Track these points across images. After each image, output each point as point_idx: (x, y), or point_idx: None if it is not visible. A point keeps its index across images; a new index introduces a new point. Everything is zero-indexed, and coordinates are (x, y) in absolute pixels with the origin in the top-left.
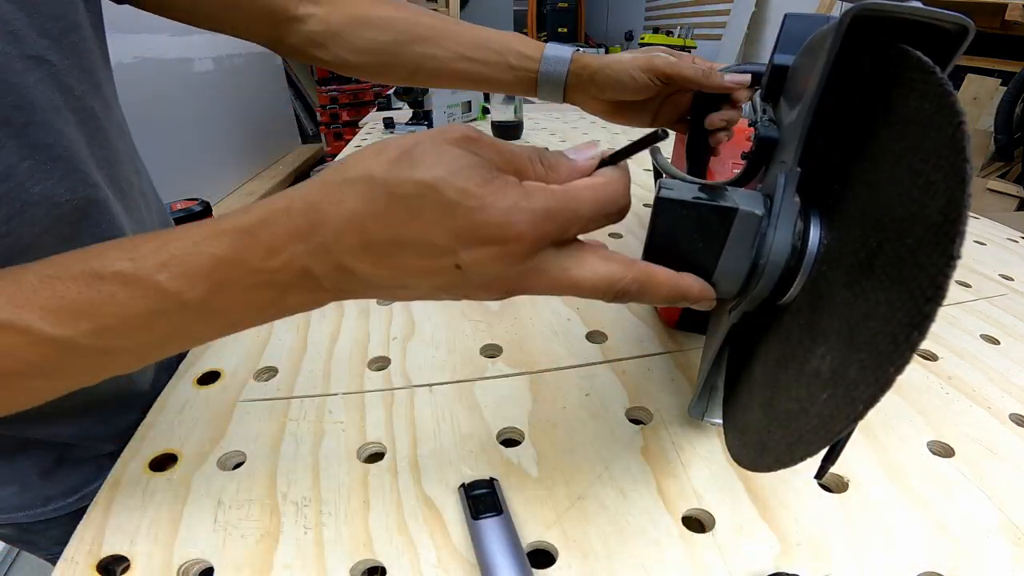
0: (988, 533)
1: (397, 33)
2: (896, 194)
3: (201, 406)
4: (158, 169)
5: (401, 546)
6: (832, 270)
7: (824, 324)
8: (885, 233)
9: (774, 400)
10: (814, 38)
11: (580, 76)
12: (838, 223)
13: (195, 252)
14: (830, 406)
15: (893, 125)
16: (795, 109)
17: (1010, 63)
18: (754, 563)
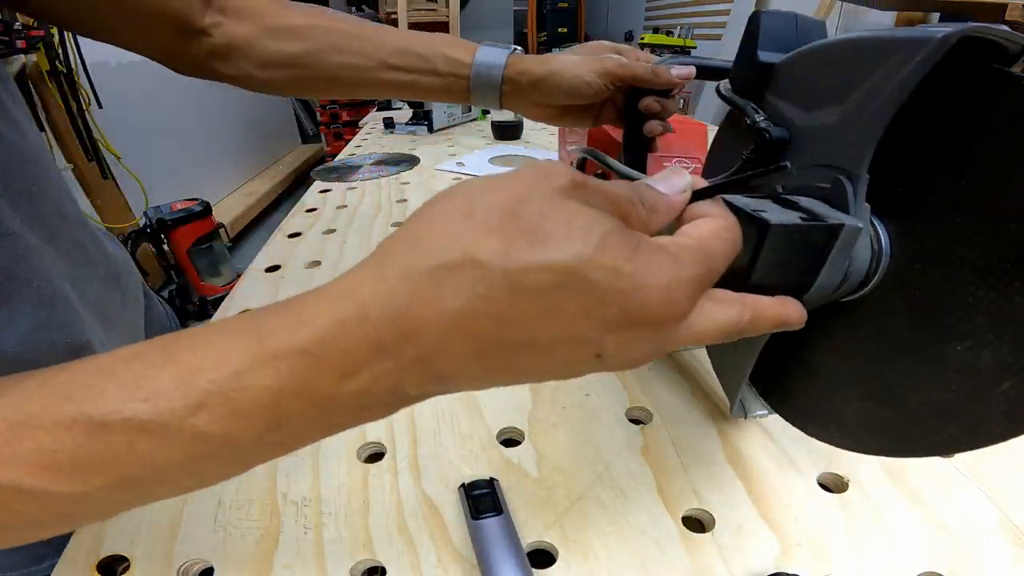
0: (988, 533)
1: (309, 43)
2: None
3: None
4: (158, 169)
5: (401, 546)
6: (939, 271)
7: (952, 319)
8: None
9: (894, 388)
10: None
11: (519, 82)
12: (918, 227)
13: (240, 387)
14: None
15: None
16: (822, 112)
17: None
18: (754, 563)
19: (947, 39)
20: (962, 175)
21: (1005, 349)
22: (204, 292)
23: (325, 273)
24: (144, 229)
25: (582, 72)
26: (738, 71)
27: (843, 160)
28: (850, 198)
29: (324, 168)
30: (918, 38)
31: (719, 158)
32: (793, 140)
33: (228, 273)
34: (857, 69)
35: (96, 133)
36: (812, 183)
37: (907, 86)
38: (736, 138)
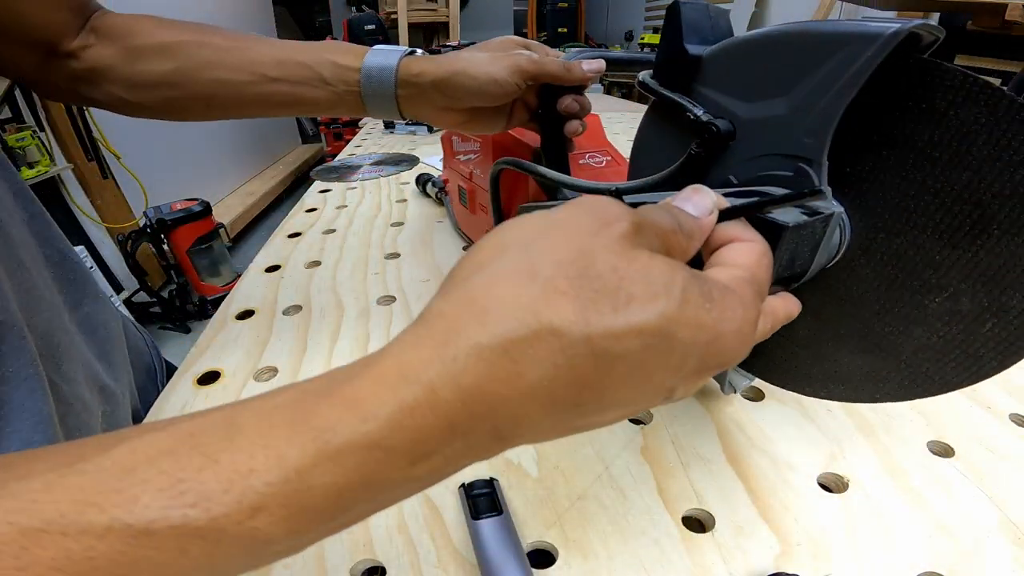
0: (988, 533)
1: (180, 60)
2: (995, 179)
3: (201, 406)
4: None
5: (401, 546)
6: (904, 237)
7: (927, 275)
8: (988, 207)
9: (888, 341)
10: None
11: (417, 85)
12: (873, 201)
13: (302, 487)
14: (1007, 330)
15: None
16: (766, 103)
17: (1010, 63)
18: (754, 563)
19: (898, 33)
20: (908, 153)
21: (980, 295)
22: (204, 292)
23: (325, 273)
24: (144, 229)
25: (492, 70)
26: (664, 63)
27: (802, 149)
28: (816, 183)
29: (324, 168)
30: (870, 32)
31: (648, 153)
32: (737, 132)
33: (228, 273)
34: (803, 61)
35: (96, 133)
36: (768, 172)
37: (861, 77)
38: (664, 132)
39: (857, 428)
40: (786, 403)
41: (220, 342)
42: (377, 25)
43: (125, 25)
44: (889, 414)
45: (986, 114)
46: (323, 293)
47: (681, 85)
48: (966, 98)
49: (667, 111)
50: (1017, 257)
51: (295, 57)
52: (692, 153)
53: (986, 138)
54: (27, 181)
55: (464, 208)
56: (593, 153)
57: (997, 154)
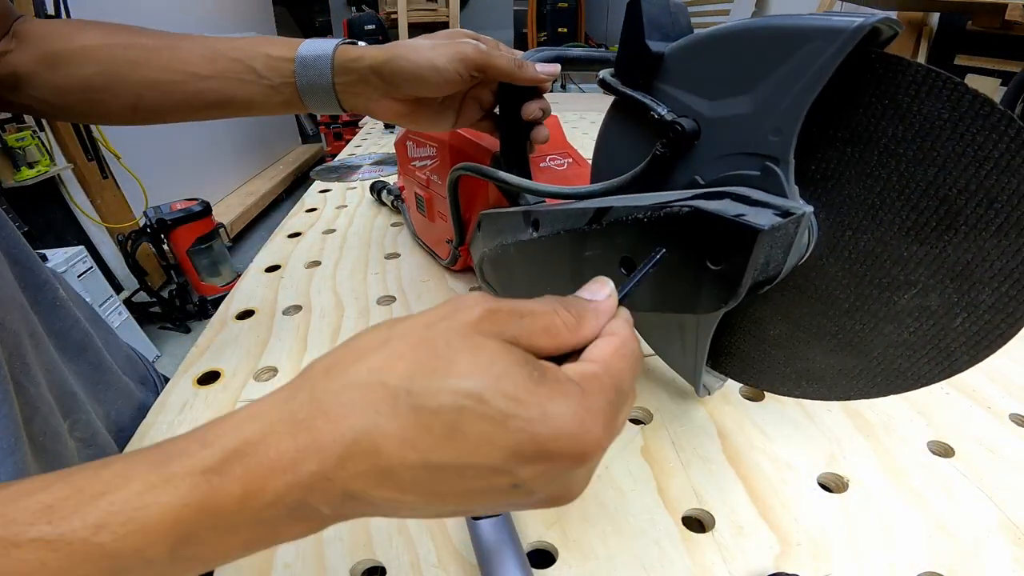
0: (988, 533)
1: (102, 64)
2: (959, 175)
3: (201, 406)
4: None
5: (401, 546)
6: (871, 234)
7: (896, 272)
8: (954, 202)
9: (860, 339)
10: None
11: (354, 71)
12: (838, 199)
13: (141, 506)
14: (978, 324)
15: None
16: (730, 101)
17: (1010, 63)
18: (754, 563)
19: (862, 28)
20: (872, 150)
21: (950, 291)
22: (204, 292)
23: (325, 273)
24: (144, 229)
25: (432, 55)
26: (625, 61)
27: (768, 147)
28: (784, 182)
29: (324, 168)
30: (834, 27)
31: (611, 154)
32: (702, 131)
33: (228, 273)
34: (766, 57)
35: (96, 133)
36: (734, 172)
37: (826, 72)
38: (627, 132)
39: (857, 428)
40: (786, 403)
41: (220, 342)
42: (377, 25)
43: (45, 30)
44: (889, 414)
45: (949, 109)
46: (323, 293)
47: (643, 83)
48: (929, 93)
49: (629, 110)
50: (985, 252)
51: (228, 53)
52: (657, 154)
53: (950, 134)
54: (27, 181)
55: (422, 216)
56: (554, 156)
57: (962, 150)
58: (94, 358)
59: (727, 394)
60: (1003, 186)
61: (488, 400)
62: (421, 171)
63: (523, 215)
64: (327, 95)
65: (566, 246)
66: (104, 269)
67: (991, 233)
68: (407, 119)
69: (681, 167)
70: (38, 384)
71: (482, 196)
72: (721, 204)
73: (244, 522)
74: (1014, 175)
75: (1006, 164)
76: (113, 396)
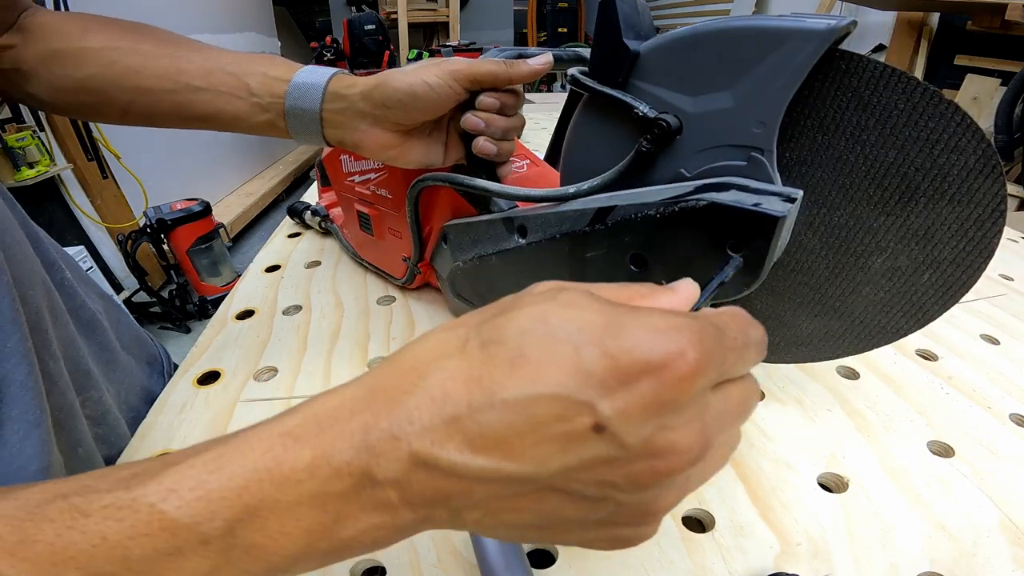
0: (988, 533)
1: (100, 67)
2: (915, 155)
3: (201, 406)
4: (158, 169)
5: (401, 546)
6: (843, 210)
7: (868, 240)
8: (913, 179)
9: (841, 302)
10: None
11: (344, 97)
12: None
13: (214, 469)
14: (942, 278)
15: (873, 112)
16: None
17: (1010, 63)
18: (754, 563)
19: (836, 29)
20: (840, 137)
21: (915, 252)
22: (204, 292)
23: (325, 273)
24: (144, 229)
25: (423, 74)
26: (601, 59)
27: (752, 138)
28: (770, 170)
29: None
30: (810, 29)
31: (584, 152)
32: (684, 126)
33: (228, 273)
34: (745, 56)
35: (96, 132)
36: (719, 163)
37: (805, 69)
38: (601, 130)
39: (857, 428)
40: (786, 403)
41: (220, 342)
42: (377, 25)
43: (53, 26)
44: (889, 414)
45: (904, 100)
46: (323, 293)
47: (621, 81)
48: (886, 86)
49: (604, 108)
50: (942, 218)
51: (226, 67)
52: (642, 150)
53: (906, 121)
54: (27, 181)
55: (367, 235)
56: (513, 158)
57: (916, 134)
58: (103, 337)
59: None
60: (953, 163)
61: (551, 318)
62: (363, 186)
63: (504, 222)
64: (312, 122)
65: (564, 250)
66: (104, 269)
67: (946, 202)
68: (396, 151)
69: (664, 161)
70: (57, 359)
71: (441, 207)
72: (733, 195)
73: (308, 497)
74: (961, 154)
75: (954, 145)
76: (121, 376)
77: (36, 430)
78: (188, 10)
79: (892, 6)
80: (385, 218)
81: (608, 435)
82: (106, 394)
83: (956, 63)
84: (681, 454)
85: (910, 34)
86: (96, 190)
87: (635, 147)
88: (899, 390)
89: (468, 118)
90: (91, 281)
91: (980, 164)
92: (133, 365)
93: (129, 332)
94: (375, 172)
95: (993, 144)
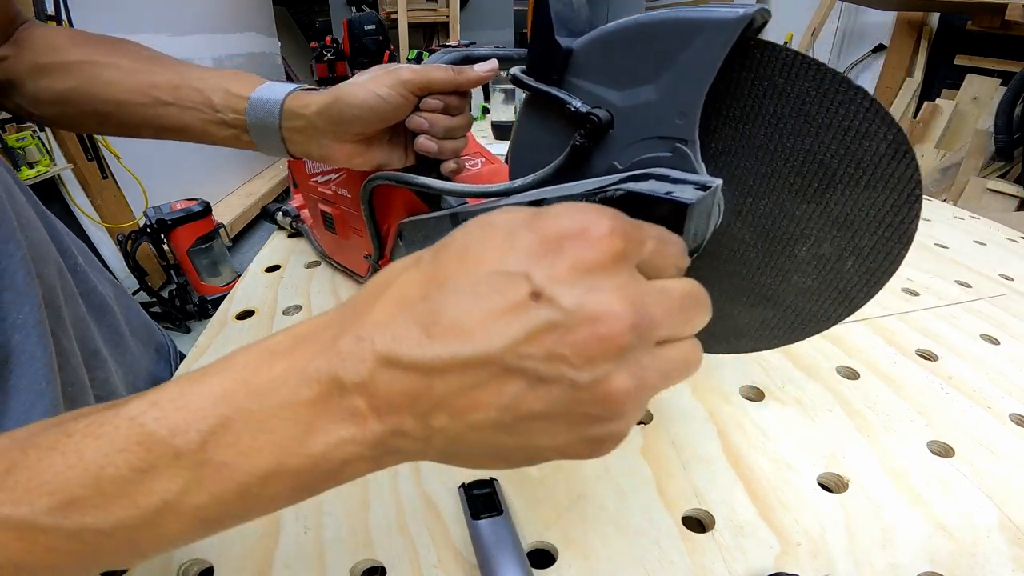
0: (988, 533)
1: (80, 80)
2: (830, 141)
3: None
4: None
5: (401, 546)
6: (768, 198)
7: (793, 228)
8: (830, 165)
9: (773, 291)
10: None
11: (302, 116)
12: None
13: (195, 380)
14: (865, 265)
15: (788, 100)
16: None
17: (1010, 63)
18: (754, 563)
19: (745, 17)
20: (759, 125)
21: (838, 239)
22: (204, 292)
23: (325, 273)
24: (144, 229)
25: (373, 86)
26: (537, 57)
27: (676, 130)
28: (693, 160)
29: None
30: (720, 18)
31: (528, 148)
32: (615, 119)
33: (228, 273)
34: (665, 48)
35: None
36: (648, 155)
37: (718, 59)
38: (542, 126)
39: (857, 428)
40: (786, 403)
41: (220, 342)
42: (377, 25)
43: (42, 39)
44: (889, 414)
45: (816, 87)
46: (323, 293)
47: (556, 78)
48: (799, 74)
49: (544, 105)
50: (860, 204)
51: (192, 83)
52: (576, 144)
53: (818, 108)
54: (27, 181)
55: (332, 234)
56: (467, 156)
57: (829, 121)
58: (112, 321)
59: (727, 394)
60: (865, 149)
61: (489, 219)
62: (325, 187)
63: (450, 218)
64: (275, 138)
65: None
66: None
67: (862, 188)
68: (361, 159)
69: (598, 155)
70: (70, 337)
71: (397, 205)
72: (649, 184)
73: (278, 407)
74: (872, 139)
75: (865, 131)
76: (130, 360)
77: (40, 400)
78: (188, 10)
79: (892, 6)
80: (347, 217)
81: (544, 299)
82: (114, 375)
83: (956, 63)
84: (616, 318)
85: (910, 34)
86: (96, 190)
87: (571, 142)
88: (899, 390)
89: (413, 119)
90: (102, 268)
91: (891, 149)
92: (141, 350)
93: (138, 319)
94: (335, 172)
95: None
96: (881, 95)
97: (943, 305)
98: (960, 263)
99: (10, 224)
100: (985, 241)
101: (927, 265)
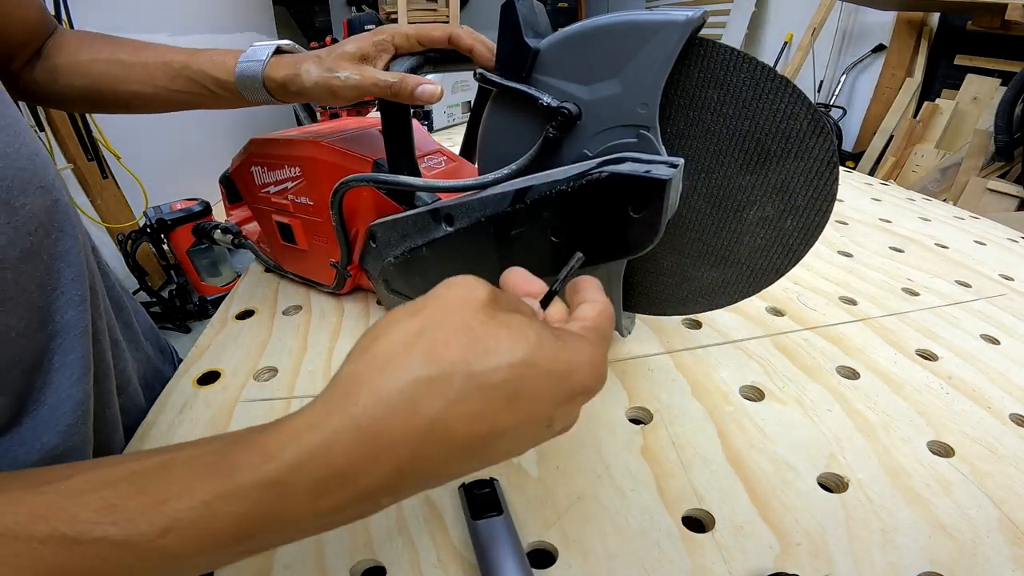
0: (988, 533)
1: (91, 77)
2: (764, 123)
3: (201, 406)
4: (158, 169)
5: (401, 546)
6: (717, 172)
7: (740, 196)
8: (765, 142)
9: (729, 252)
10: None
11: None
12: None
13: (208, 515)
14: (801, 221)
15: (728, 89)
16: (601, 85)
17: (1010, 63)
18: (754, 563)
19: (693, 20)
20: (706, 112)
21: (777, 202)
22: (204, 292)
23: None
24: (144, 229)
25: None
26: (506, 58)
27: (639, 118)
28: (656, 144)
29: None
30: (674, 20)
31: (497, 143)
32: (582, 112)
33: (228, 273)
34: (626, 46)
35: (96, 133)
36: (615, 142)
37: (674, 54)
38: (510, 122)
39: (857, 428)
40: (786, 403)
41: (220, 342)
42: (377, 25)
43: (58, 43)
44: (889, 414)
45: (750, 78)
46: (323, 293)
47: (525, 76)
48: (736, 67)
49: (512, 102)
50: (792, 172)
51: (183, 72)
52: (549, 136)
53: (753, 95)
54: None
55: (290, 246)
56: (430, 155)
57: (762, 106)
58: (128, 318)
59: (727, 394)
60: (791, 128)
61: (536, 363)
62: (280, 196)
63: (431, 214)
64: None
65: (491, 232)
66: None
67: (792, 158)
68: None
69: (568, 145)
70: (102, 320)
71: (364, 208)
72: (628, 166)
73: (306, 524)
74: (795, 119)
75: (790, 113)
76: (142, 356)
77: (78, 385)
78: (188, 10)
79: (892, 6)
80: (308, 226)
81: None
82: (129, 366)
83: (956, 63)
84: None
85: (910, 34)
86: (96, 190)
87: (543, 134)
88: (899, 390)
89: None
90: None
91: (811, 127)
92: (151, 349)
93: (144, 321)
94: (292, 181)
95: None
96: (881, 95)
97: (943, 305)
98: (960, 263)
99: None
100: (985, 241)
101: (927, 265)
